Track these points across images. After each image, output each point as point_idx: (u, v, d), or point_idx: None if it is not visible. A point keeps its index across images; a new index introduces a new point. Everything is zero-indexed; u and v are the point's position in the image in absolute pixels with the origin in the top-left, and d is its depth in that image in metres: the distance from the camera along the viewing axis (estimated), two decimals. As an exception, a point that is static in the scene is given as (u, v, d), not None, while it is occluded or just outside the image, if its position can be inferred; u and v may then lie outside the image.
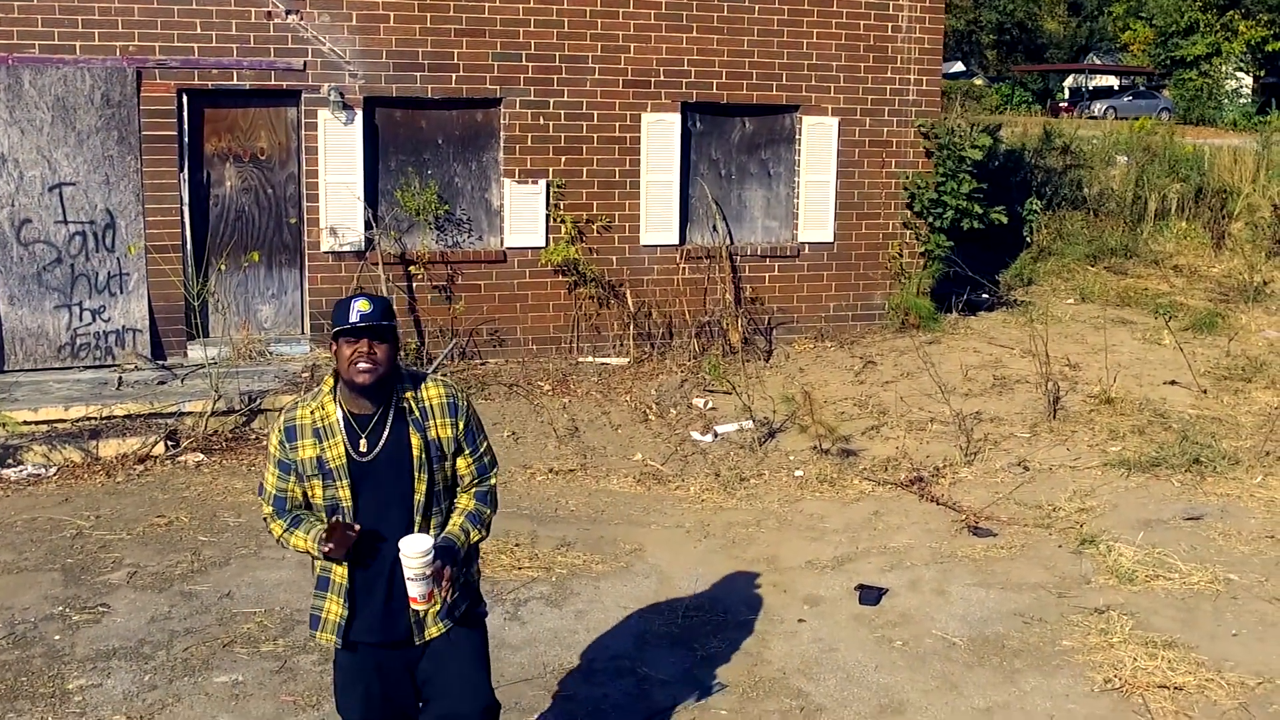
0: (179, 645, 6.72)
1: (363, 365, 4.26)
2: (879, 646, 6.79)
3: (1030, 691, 6.26)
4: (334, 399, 4.40)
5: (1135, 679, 6.32)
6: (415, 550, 4.19)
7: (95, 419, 10.35)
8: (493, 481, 4.64)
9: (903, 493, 9.40)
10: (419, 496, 4.40)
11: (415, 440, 4.37)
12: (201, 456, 10.09)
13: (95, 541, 8.26)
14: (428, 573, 4.22)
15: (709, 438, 10.77)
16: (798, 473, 9.94)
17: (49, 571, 7.74)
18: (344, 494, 4.36)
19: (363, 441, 4.36)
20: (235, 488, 9.41)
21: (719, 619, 7.16)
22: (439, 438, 4.43)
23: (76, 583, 7.56)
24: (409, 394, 4.43)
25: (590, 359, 13.05)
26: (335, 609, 4.45)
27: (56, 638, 6.79)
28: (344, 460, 4.35)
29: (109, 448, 10.04)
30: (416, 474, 4.39)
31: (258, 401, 10.73)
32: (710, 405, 11.63)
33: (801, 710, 6.08)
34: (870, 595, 7.38)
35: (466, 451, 4.51)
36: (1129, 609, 7.20)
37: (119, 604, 7.25)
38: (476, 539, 4.55)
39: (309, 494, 4.43)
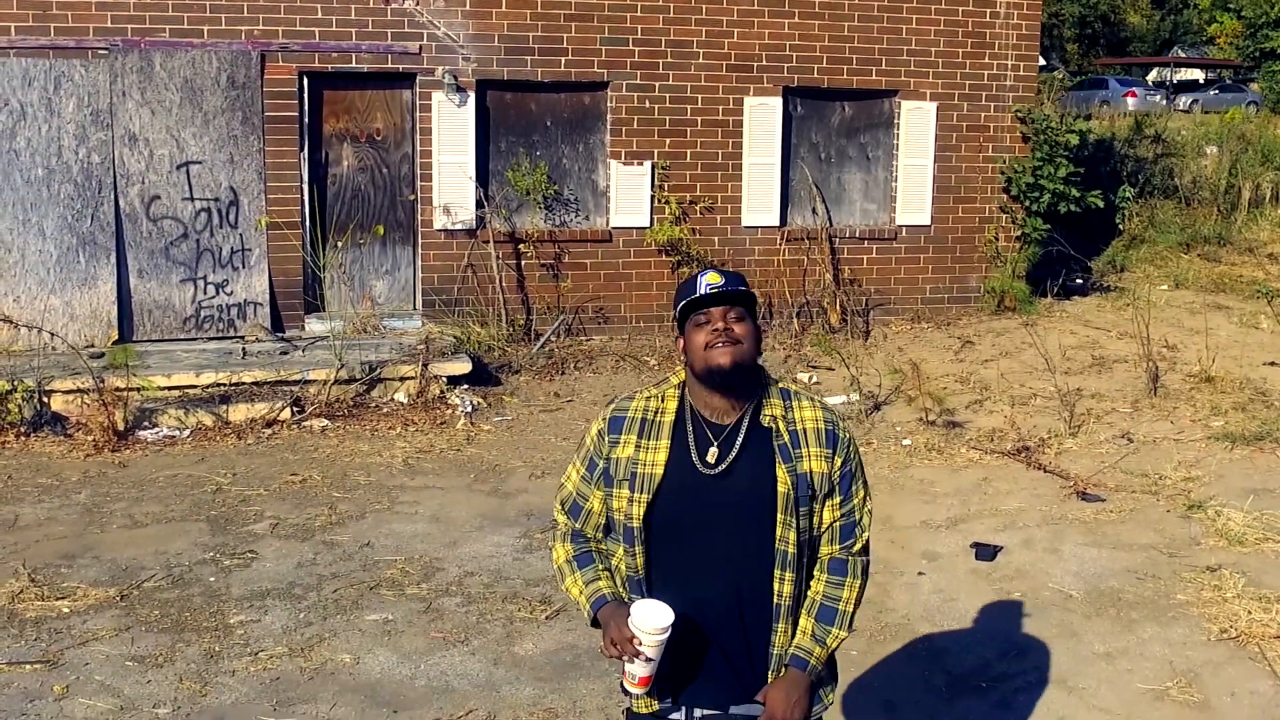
0: (328, 588, 7.09)
1: (720, 343, 3.27)
2: (998, 597, 7.02)
3: (1148, 639, 6.47)
4: (677, 394, 3.43)
5: (1251, 630, 6.50)
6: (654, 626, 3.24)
7: (224, 385, 10.80)
8: (860, 544, 3.46)
9: (1009, 461, 9.60)
10: (787, 547, 3.35)
11: (781, 471, 3.33)
12: (326, 422, 10.50)
13: (235, 496, 8.69)
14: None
15: (815, 410, 10.98)
16: (906, 442, 10.17)
17: (196, 522, 8.17)
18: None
19: (713, 451, 3.35)
20: (361, 450, 9.81)
21: (840, 571, 7.40)
22: (810, 471, 3.36)
23: (223, 532, 7.98)
24: (776, 409, 3.40)
25: (692, 336, 13.29)
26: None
27: (212, 579, 7.19)
28: (663, 471, 3.35)
29: (238, 412, 10.48)
30: (783, 514, 3.34)
31: (378, 371, 11.13)
32: (815, 380, 11.89)
33: (927, 652, 6.33)
34: (986, 552, 7.61)
35: (838, 499, 3.41)
36: (1240, 568, 7.37)
37: (266, 551, 7.64)
38: (835, 645, 3.42)
39: (614, 509, 3.44)
